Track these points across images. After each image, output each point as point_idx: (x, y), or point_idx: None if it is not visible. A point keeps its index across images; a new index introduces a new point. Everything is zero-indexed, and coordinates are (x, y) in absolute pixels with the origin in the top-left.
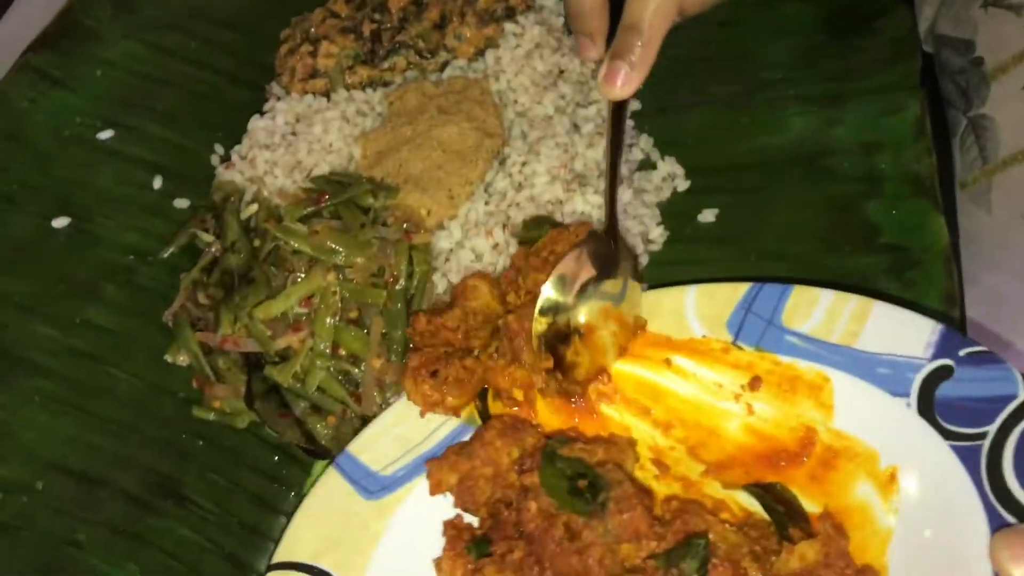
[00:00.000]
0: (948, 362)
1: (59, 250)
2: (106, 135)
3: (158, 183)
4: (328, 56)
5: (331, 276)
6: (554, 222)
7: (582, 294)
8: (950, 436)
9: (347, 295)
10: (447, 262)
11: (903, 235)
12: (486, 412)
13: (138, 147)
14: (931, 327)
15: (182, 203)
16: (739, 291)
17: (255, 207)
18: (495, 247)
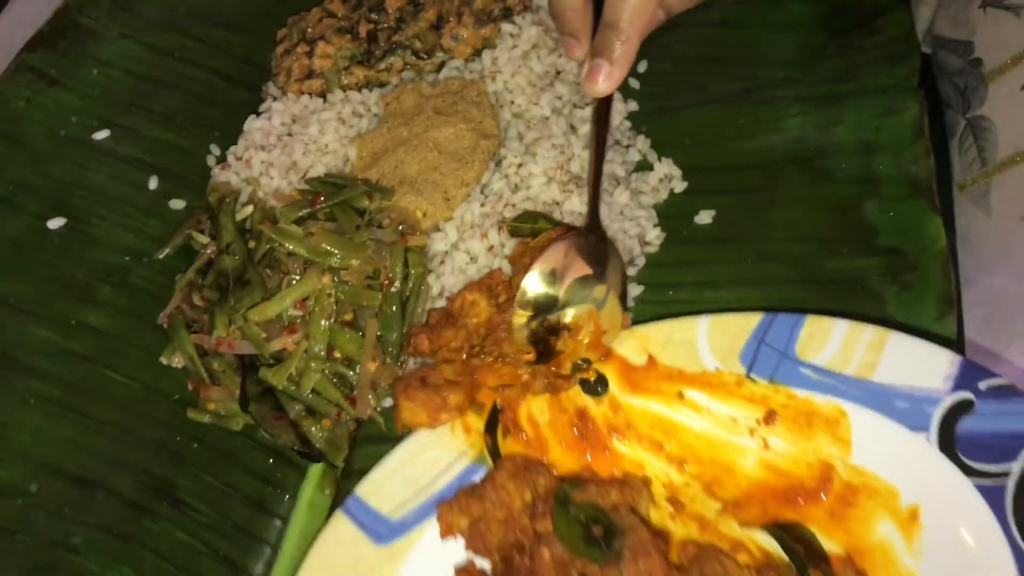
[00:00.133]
0: (968, 395)
1: (54, 251)
2: (102, 135)
3: (154, 183)
4: (324, 57)
5: (326, 278)
6: (547, 216)
7: (563, 287)
8: (973, 473)
9: (342, 297)
10: (442, 264)
11: (901, 237)
12: (496, 450)
13: (134, 147)
14: (949, 359)
15: (178, 204)
16: (751, 322)
17: (250, 208)
18: (490, 249)
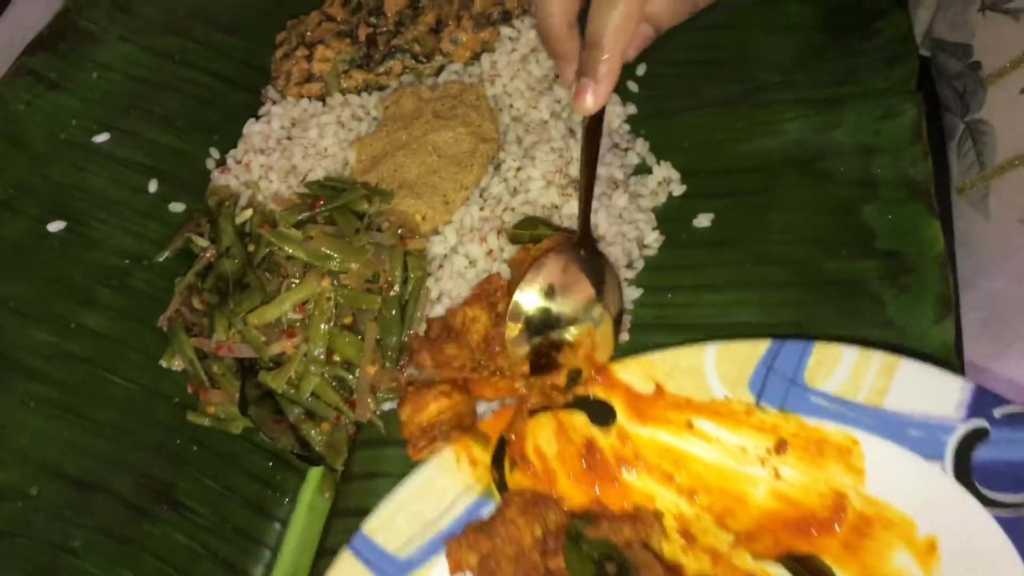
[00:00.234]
0: (983, 423)
1: (54, 253)
2: (102, 138)
3: (153, 187)
4: (323, 60)
5: (325, 282)
6: (547, 222)
7: (557, 302)
8: (991, 504)
9: (341, 301)
10: (441, 268)
11: (899, 239)
12: (503, 483)
13: (134, 150)
14: (961, 385)
15: (177, 207)
16: (759, 349)
17: (250, 212)
18: (489, 253)
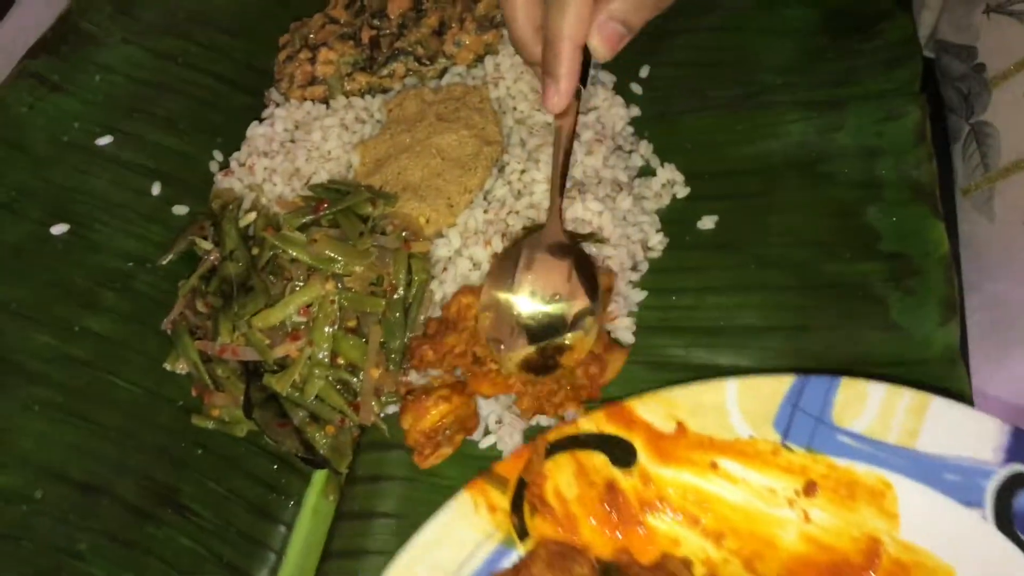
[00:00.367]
0: (1023, 469)
1: (56, 256)
2: (105, 141)
3: (156, 189)
4: (327, 63)
5: (329, 285)
6: None
7: (526, 292)
8: None
9: (345, 304)
10: (445, 271)
11: (903, 241)
12: (523, 530)
13: (137, 153)
14: (998, 427)
15: (181, 210)
16: (783, 385)
17: (253, 215)
18: (494, 256)
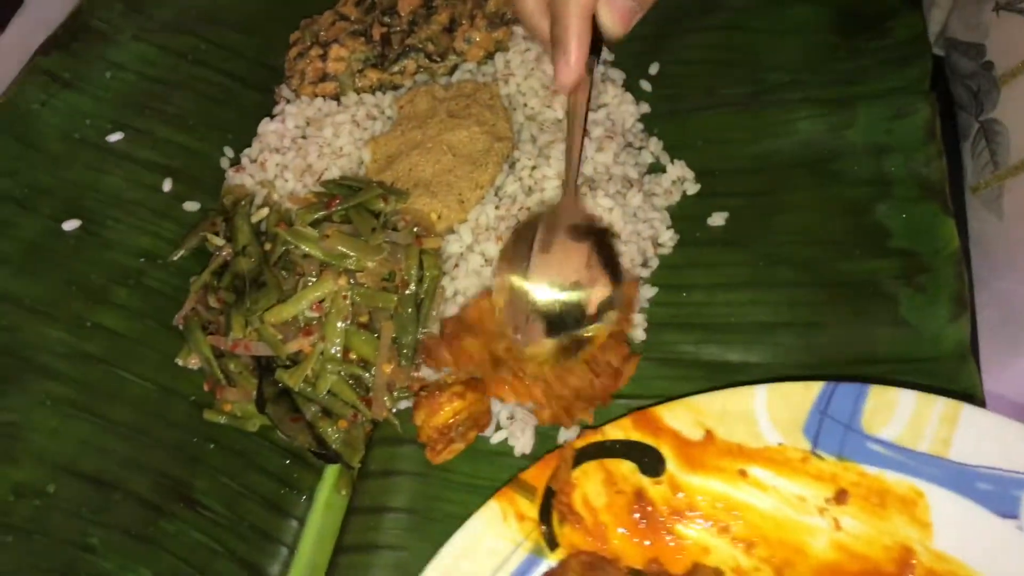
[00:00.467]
0: None
1: (69, 253)
2: (116, 137)
3: (168, 186)
4: (338, 60)
5: (342, 280)
6: None
7: (543, 279)
8: None
9: (358, 299)
10: (457, 267)
11: (913, 239)
12: (553, 539)
13: (148, 150)
14: None
15: (192, 206)
16: (812, 392)
17: (266, 211)
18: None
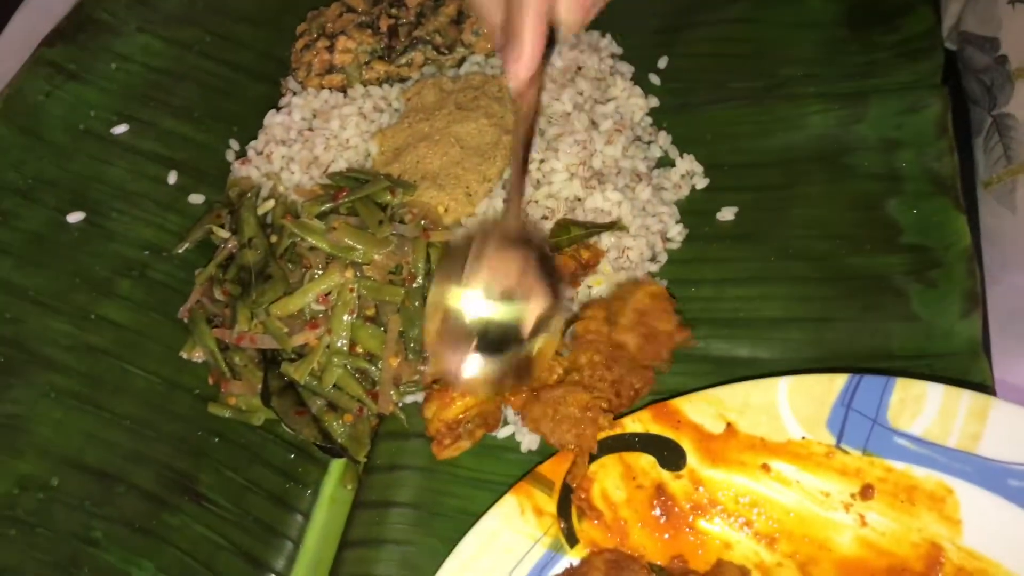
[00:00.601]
0: None
1: (74, 245)
2: (121, 129)
3: (173, 178)
4: (345, 52)
5: (348, 273)
6: (577, 222)
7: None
8: None
9: (364, 292)
10: None
11: (925, 234)
12: (572, 535)
13: (153, 142)
14: None
15: (197, 198)
16: (836, 384)
17: (272, 203)
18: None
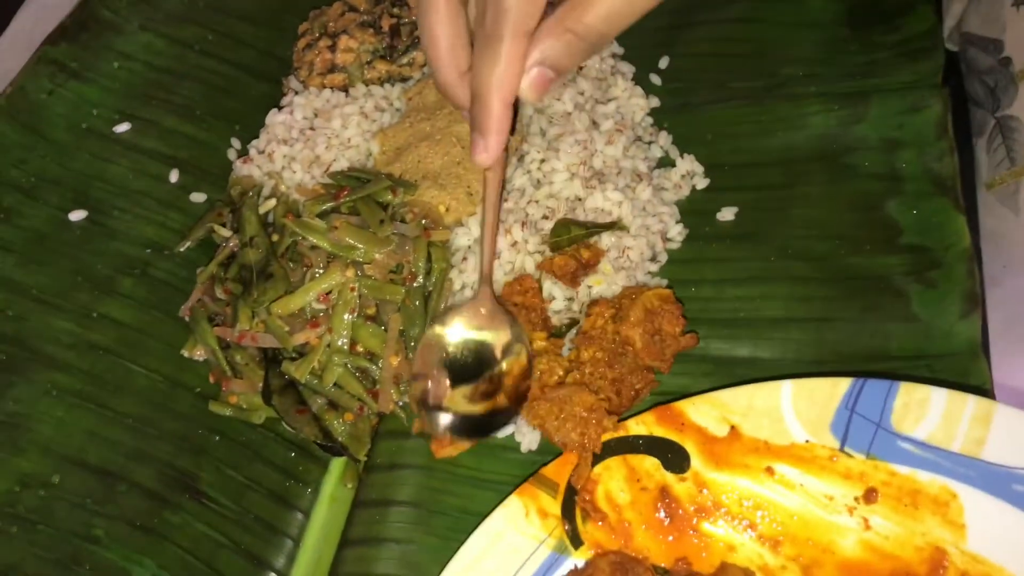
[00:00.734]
0: None
1: (76, 243)
2: (123, 128)
3: (175, 177)
4: (347, 51)
5: (349, 272)
6: (578, 222)
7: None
8: None
9: (365, 291)
10: (465, 260)
11: (924, 234)
12: (576, 536)
13: (155, 140)
14: None
15: (199, 197)
16: (840, 388)
17: (273, 202)
18: (514, 245)
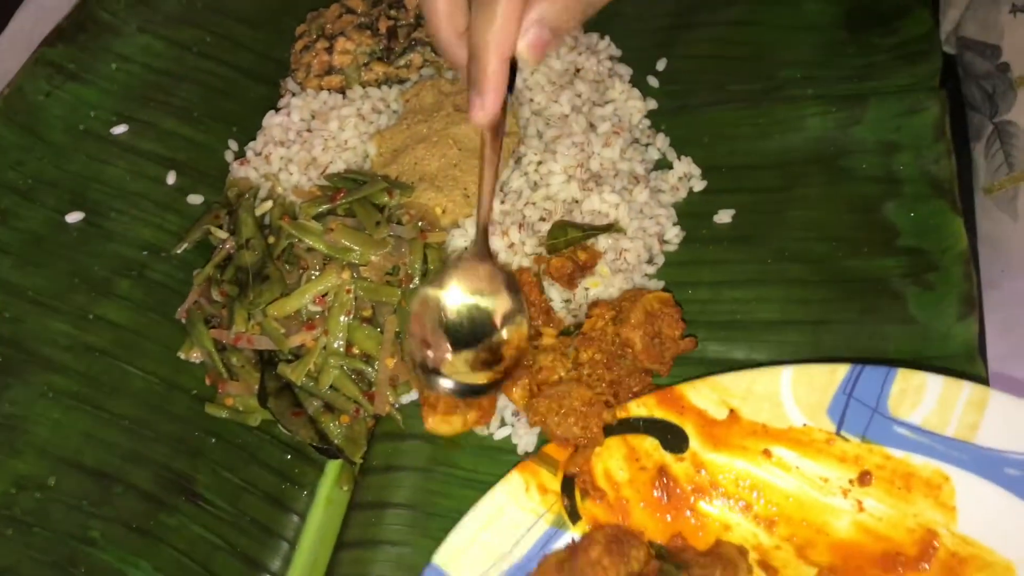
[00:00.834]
0: None
1: (73, 245)
2: (120, 130)
3: (172, 179)
4: (344, 53)
5: (345, 274)
6: (575, 224)
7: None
8: None
9: (361, 293)
10: None
11: (921, 237)
12: (575, 512)
13: (152, 142)
14: None
15: (196, 199)
16: (838, 374)
17: (270, 204)
18: (511, 247)
